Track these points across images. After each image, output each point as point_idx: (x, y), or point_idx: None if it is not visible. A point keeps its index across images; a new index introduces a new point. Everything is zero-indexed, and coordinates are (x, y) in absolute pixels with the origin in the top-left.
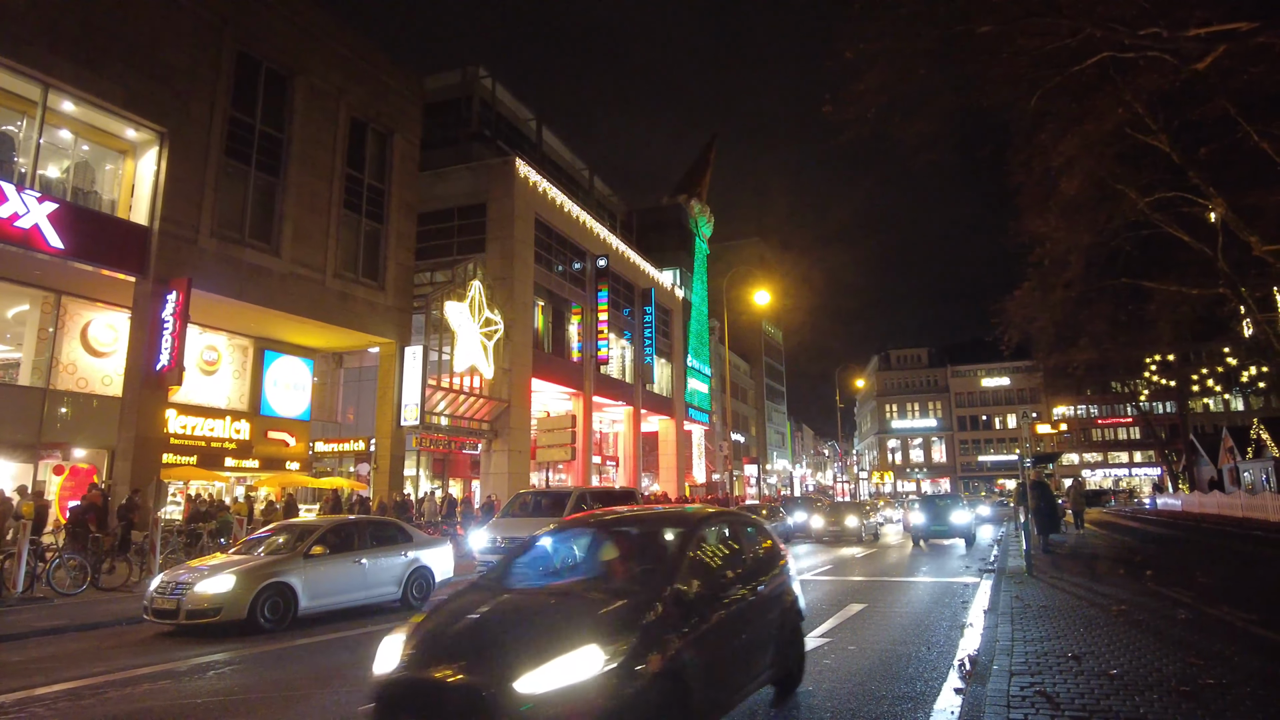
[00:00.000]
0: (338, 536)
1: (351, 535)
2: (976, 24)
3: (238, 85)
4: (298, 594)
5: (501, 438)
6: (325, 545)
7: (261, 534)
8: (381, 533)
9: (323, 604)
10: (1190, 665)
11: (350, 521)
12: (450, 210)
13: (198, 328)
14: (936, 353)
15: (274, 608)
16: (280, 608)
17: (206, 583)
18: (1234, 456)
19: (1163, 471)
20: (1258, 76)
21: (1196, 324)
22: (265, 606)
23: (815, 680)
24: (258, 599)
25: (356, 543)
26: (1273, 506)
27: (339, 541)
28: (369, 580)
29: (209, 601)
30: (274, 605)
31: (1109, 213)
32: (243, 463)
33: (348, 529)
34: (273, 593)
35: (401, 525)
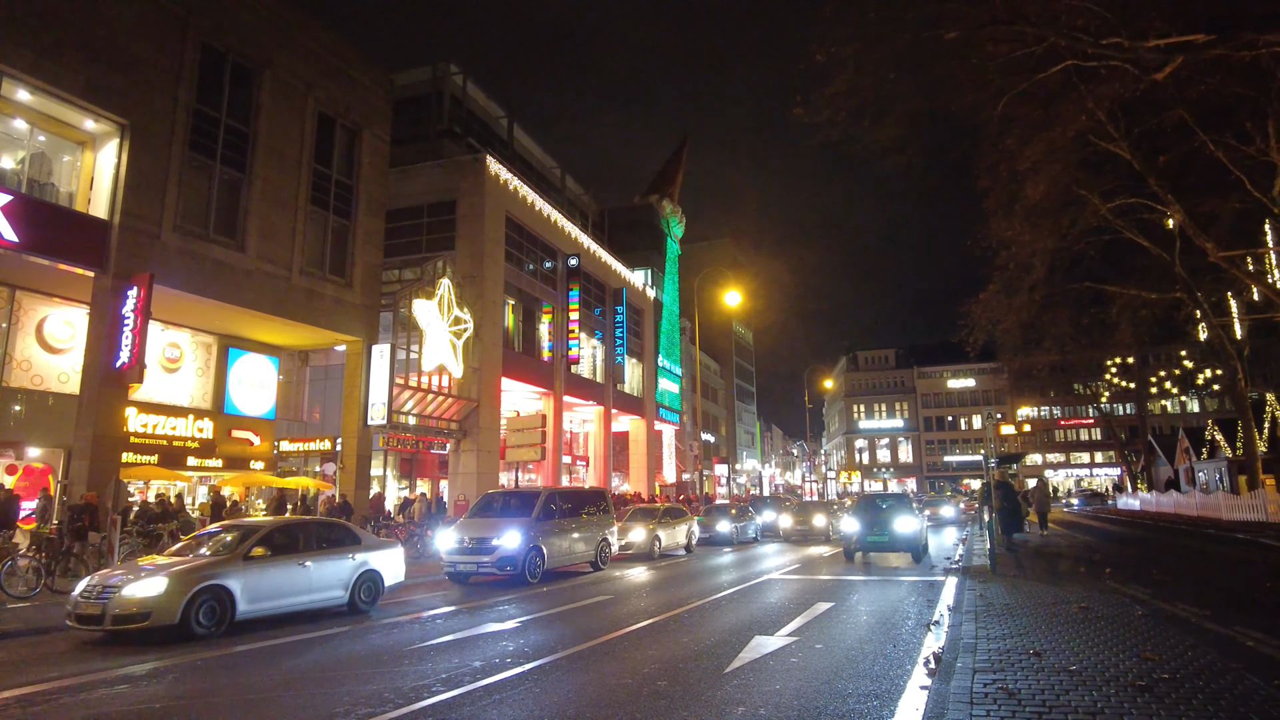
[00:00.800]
0: (282, 538)
1: (296, 537)
2: (944, 30)
3: (202, 78)
4: (236, 597)
5: (470, 437)
6: (267, 546)
7: (204, 534)
8: (328, 534)
9: (263, 608)
10: (1146, 660)
11: (295, 522)
12: (420, 207)
13: (160, 324)
14: (903, 354)
15: (210, 612)
16: (216, 612)
17: (135, 585)
18: (1190, 457)
19: (1122, 472)
20: (1213, 88)
21: (1155, 327)
22: (200, 611)
23: (783, 679)
24: (191, 603)
25: (302, 544)
26: (1225, 506)
27: (283, 543)
28: (314, 583)
29: (137, 605)
30: (210, 609)
31: (1072, 218)
32: (206, 462)
33: (292, 530)
34: (209, 596)
35: (349, 527)
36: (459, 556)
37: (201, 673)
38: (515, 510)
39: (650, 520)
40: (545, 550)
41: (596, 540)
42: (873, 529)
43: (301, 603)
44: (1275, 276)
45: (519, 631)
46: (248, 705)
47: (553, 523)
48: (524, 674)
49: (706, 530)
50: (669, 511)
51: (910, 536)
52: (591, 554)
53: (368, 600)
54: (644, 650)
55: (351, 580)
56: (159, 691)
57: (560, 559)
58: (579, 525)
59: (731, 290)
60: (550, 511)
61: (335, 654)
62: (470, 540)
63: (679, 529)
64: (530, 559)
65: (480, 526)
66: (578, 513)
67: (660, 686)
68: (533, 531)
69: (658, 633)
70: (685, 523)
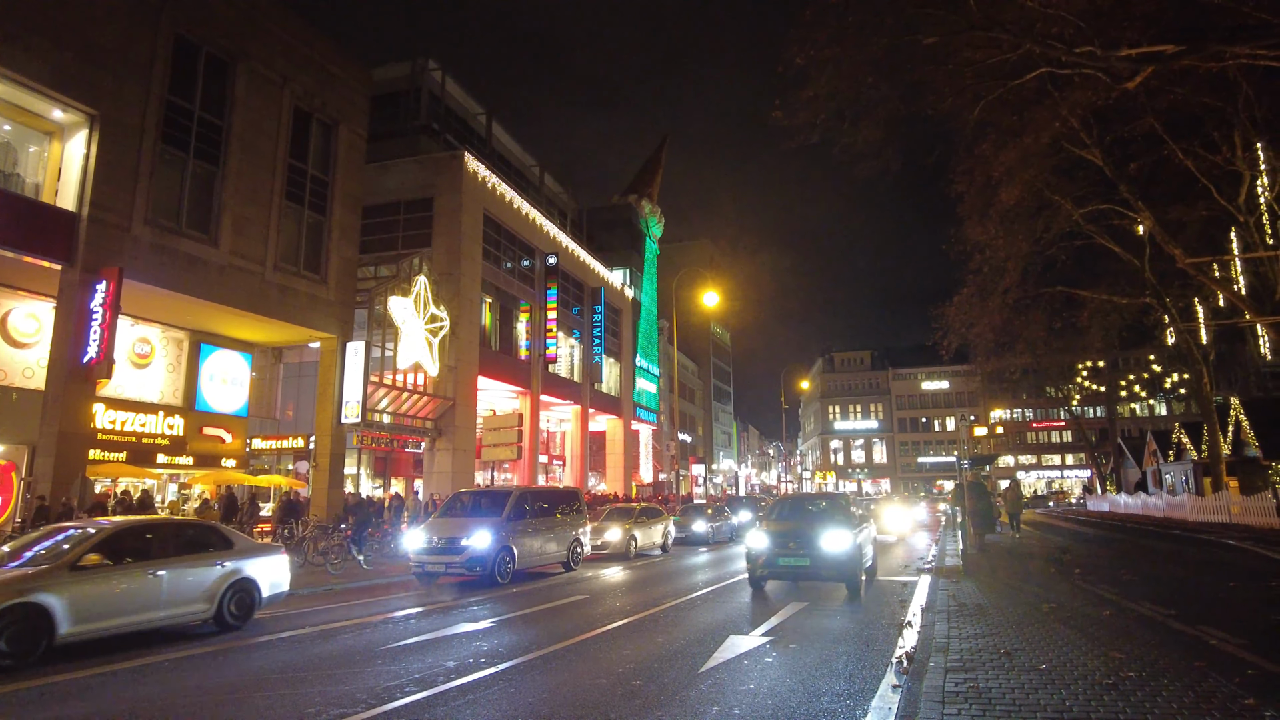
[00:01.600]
0: (128, 542)
1: (147, 540)
2: (922, 35)
3: (176, 69)
4: (55, 617)
5: (446, 436)
6: (104, 553)
7: (36, 539)
8: (190, 538)
9: (97, 628)
10: (1113, 659)
11: (146, 524)
12: (396, 204)
13: (129, 319)
14: (879, 356)
15: (15, 637)
16: (25, 637)
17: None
18: (1157, 459)
19: (1092, 473)
20: (1182, 98)
21: (1125, 332)
22: (1, 637)
23: (758, 678)
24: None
25: (155, 550)
26: (1191, 507)
27: (129, 548)
28: (168, 596)
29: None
30: (16, 635)
31: (1045, 222)
32: (176, 460)
33: (139, 533)
34: (15, 618)
35: (218, 529)
36: (428, 557)
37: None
38: (486, 510)
39: (626, 520)
40: (516, 550)
41: (569, 541)
42: (787, 546)
43: (152, 619)
44: (1240, 283)
45: (490, 633)
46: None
47: (524, 522)
48: (479, 681)
49: (683, 530)
50: (645, 511)
51: (839, 558)
52: (563, 554)
53: (239, 614)
54: (618, 650)
55: (220, 591)
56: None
57: (531, 560)
58: (551, 525)
59: (709, 291)
60: (522, 511)
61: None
62: (439, 540)
63: (655, 529)
64: (500, 559)
65: (449, 526)
66: (550, 513)
67: (635, 686)
68: (503, 531)
69: (632, 633)
70: (662, 523)
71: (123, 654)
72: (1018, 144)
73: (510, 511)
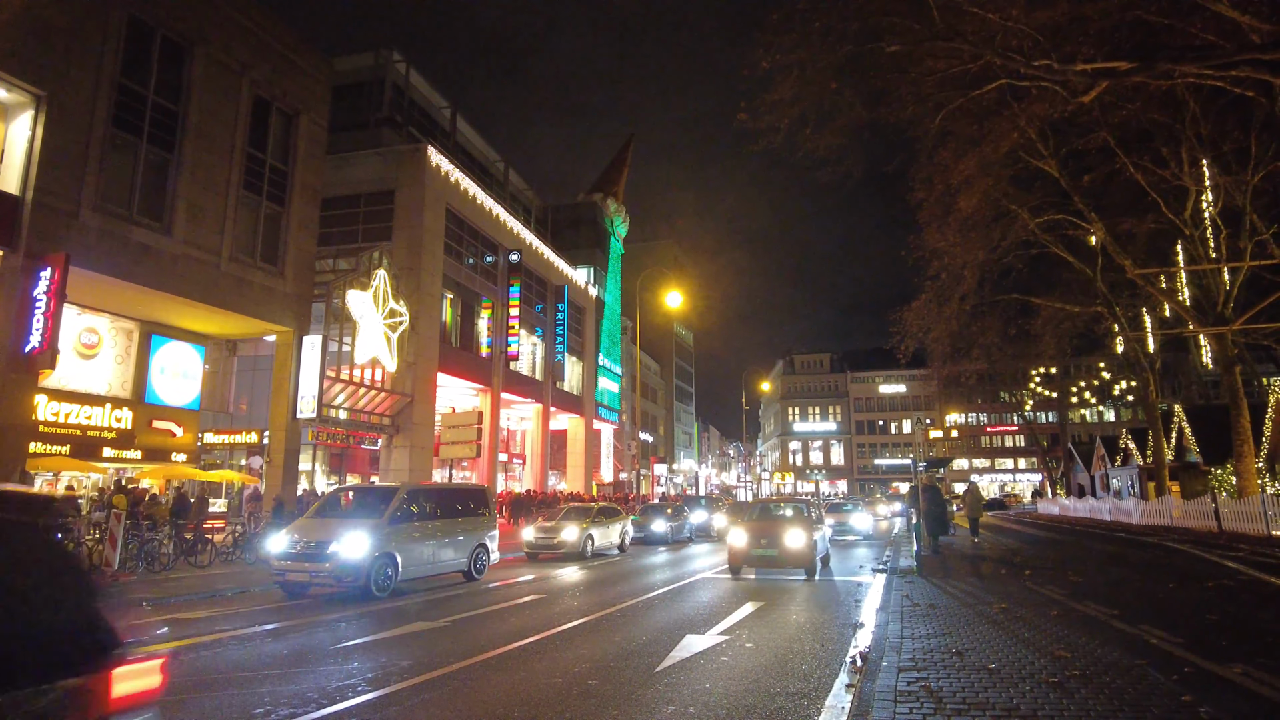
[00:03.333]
0: None
1: None
2: (886, 43)
3: (129, 52)
4: None
5: (403, 433)
6: None
7: None
8: None
9: None
10: (1059, 658)
11: None
12: (357, 196)
13: (76, 308)
14: (838, 359)
15: None
16: None
17: None
18: (1105, 464)
19: (1043, 477)
20: (1134, 113)
21: (1076, 339)
22: None
23: (712, 678)
24: None
25: None
26: (1135, 511)
27: None
28: None
29: None
30: None
31: (1002, 231)
32: (123, 453)
33: None
34: None
35: None
36: (291, 563)
37: None
38: (366, 509)
39: (584, 519)
40: (400, 558)
41: (471, 547)
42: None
43: None
44: (1185, 294)
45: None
46: None
47: (412, 525)
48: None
49: (642, 529)
50: (604, 510)
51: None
52: (464, 562)
53: None
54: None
55: None
56: None
57: (421, 569)
58: (448, 529)
59: (673, 291)
60: (409, 513)
61: None
62: (305, 543)
63: (613, 528)
64: (377, 568)
65: (318, 528)
66: (449, 514)
67: (591, 685)
68: (382, 535)
69: (579, 639)
70: (620, 522)
71: None
72: (977, 153)
73: (395, 512)
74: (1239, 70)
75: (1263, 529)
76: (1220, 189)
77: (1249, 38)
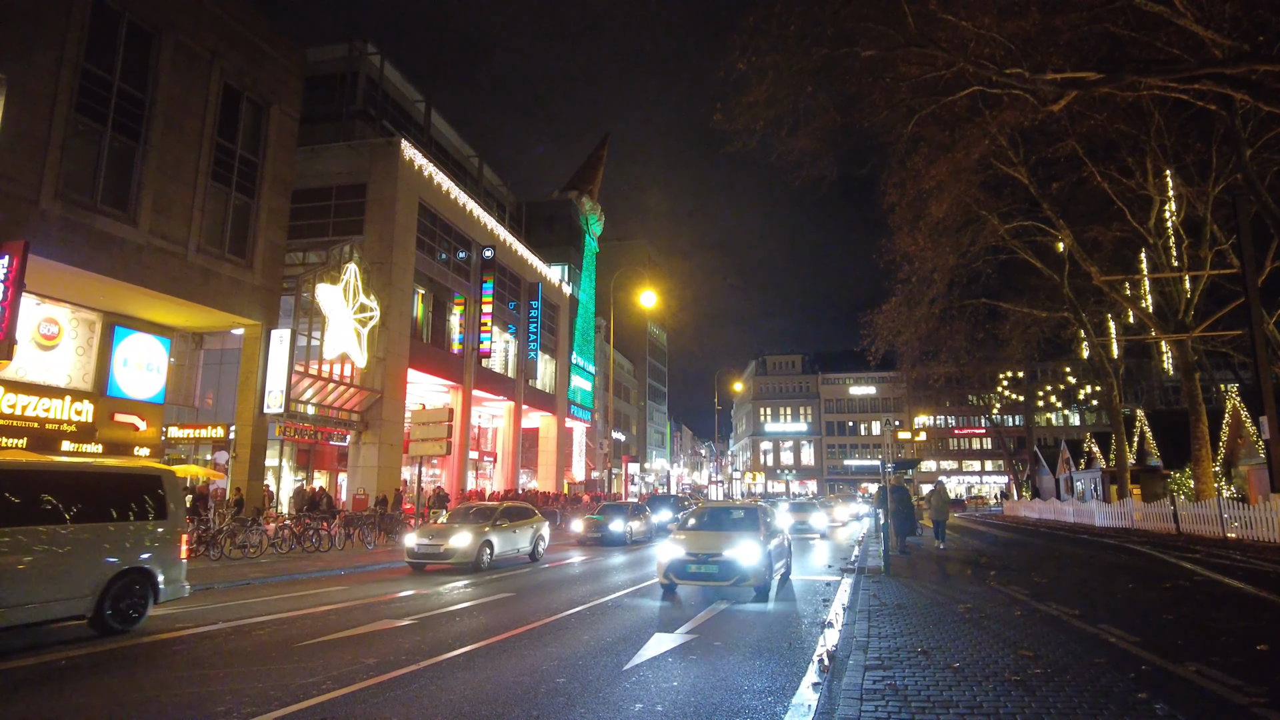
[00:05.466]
0: None
1: None
2: (861, 48)
3: (94, 36)
4: None
5: (372, 429)
6: None
7: None
8: None
9: None
10: (1022, 657)
11: None
12: (328, 189)
13: (35, 298)
14: (809, 360)
15: None
16: None
17: None
18: (1070, 467)
19: (1010, 480)
20: (1101, 123)
21: (1043, 344)
22: None
23: (681, 676)
24: None
25: None
26: (1098, 513)
27: None
28: None
29: None
30: None
31: (972, 236)
32: (83, 447)
33: None
34: None
35: None
36: None
37: None
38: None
39: (482, 522)
40: None
41: (99, 569)
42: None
43: None
44: (1148, 301)
45: None
46: None
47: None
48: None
49: (599, 530)
50: (510, 511)
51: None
52: (88, 592)
53: None
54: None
55: None
56: None
57: None
58: (62, 541)
59: (647, 290)
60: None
61: None
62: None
63: (521, 533)
64: None
65: None
66: (60, 516)
67: (560, 684)
68: None
69: None
70: (531, 525)
71: None
72: (949, 158)
73: None
74: (1201, 84)
75: (1218, 531)
76: (1183, 199)
77: (1212, 53)
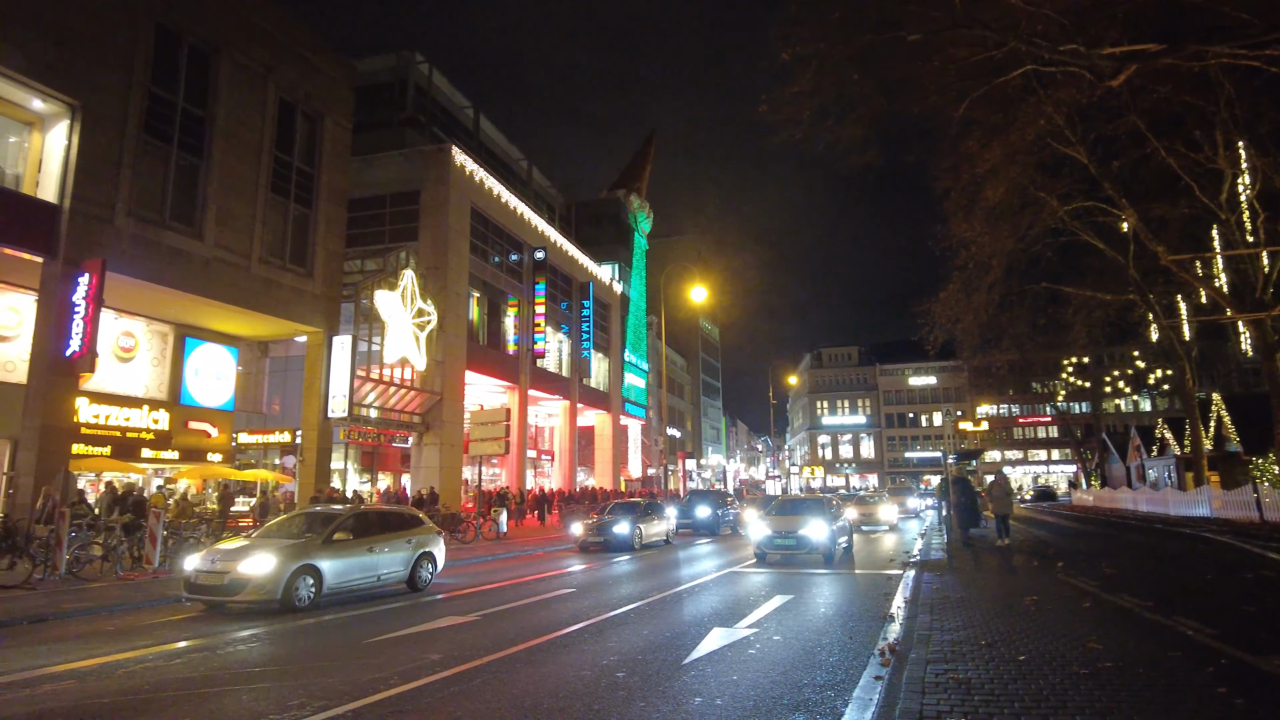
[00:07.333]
0: None
1: None
2: (906, 32)
3: (158, 59)
4: None
5: (433, 430)
6: None
7: None
8: None
9: None
10: (1091, 649)
11: None
12: (382, 197)
13: (113, 312)
14: (866, 352)
15: None
16: None
17: None
18: (1141, 454)
19: (1077, 469)
20: (1165, 96)
21: (1109, 328)
22: None
23: (740, 669)
24: None
25: None
26: (1172, 501)
27: None
28: None
29: None
30: None
31: (1030, 219)
32: (161, 454)
33: None
34: None
35: None
36: None
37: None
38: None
39: (307, 537)
40: None
41: None
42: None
43: None
44: (1221, 280)
45: None
46: None
47: None
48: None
49: (601, 533)
50: (366, 520)
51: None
52: None
53: None
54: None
55: None
56: None
57: None
58: None
59: (697, 286)
60: None
61: None
62: None
63: (392, 551)
64: None
65: None
66: None
67: (619, 678)
68: None
69: None
70: (408, 539)
71: None
72: (1002, 140)
73: None
74: (1273, 49)
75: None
76: (1258, 171)
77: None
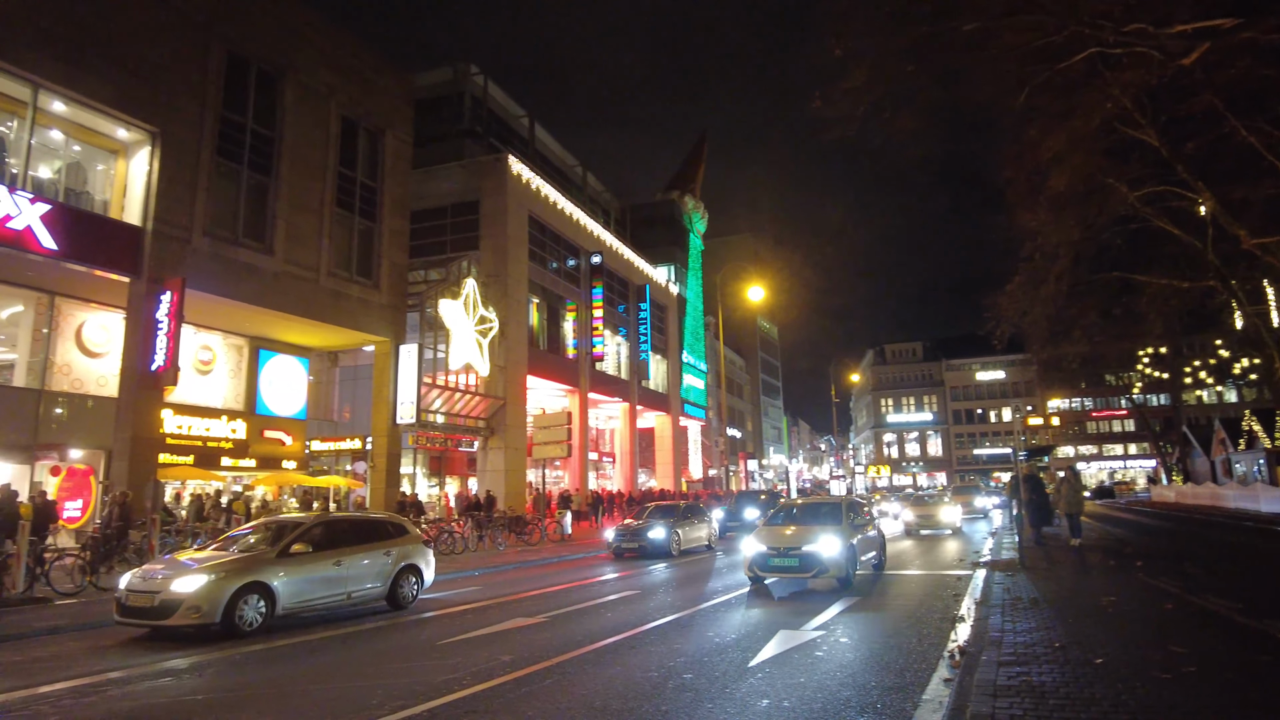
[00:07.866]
0: None
1: None
2: (961, 21)
3: (228, 84)
4: None
5: (498, 435)
6: None
7: None
8: None
9: None
10: (1173, 653)
11: None
12: (443, 208)
13: (192, 327)
14: (930, 347)
15: None
16: None
17: None
18: (1226, 448)
19: (1157, 463)
20: (1243, 71)
21: (1187, 317)
22: None
23: (807, 672)
24: None
25: None
26: (1265, 497)
27: None
28: None
29: None
30: None
31: (1098, 207)
32: (239, 462)
33: None
34: None
35: None
36: None
37: None
38: None
39: (257, 551)
40: None
41: None
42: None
43: None
44: None
45: None
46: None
47: None
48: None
49: (636, 537)
50: (336, 529)
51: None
52: None
53: None
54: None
55: None
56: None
57: None
58: None
59: (754, 285)
60: None
61: None
62: None
63: (369, 564)
64: None
65: None
66: None
67: (686, 680)
68: None
69: None
70: (384, 553)
71: None
72: (1066, 128)
73: None
74: None
75: None
76: None
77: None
